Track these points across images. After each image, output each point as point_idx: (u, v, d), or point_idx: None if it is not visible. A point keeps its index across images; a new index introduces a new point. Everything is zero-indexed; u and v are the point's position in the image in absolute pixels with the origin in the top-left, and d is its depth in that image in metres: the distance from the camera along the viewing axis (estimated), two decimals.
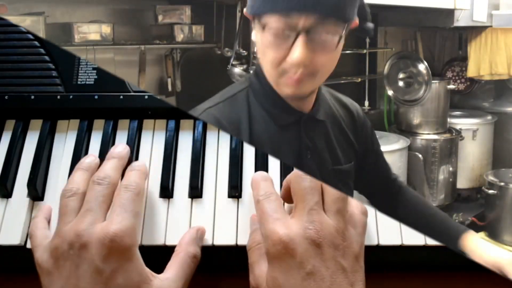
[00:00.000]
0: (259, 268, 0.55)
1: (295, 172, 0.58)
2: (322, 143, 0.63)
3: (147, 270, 0.55)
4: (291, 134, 0.61)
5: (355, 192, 0.68)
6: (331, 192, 0.56)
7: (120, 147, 0.64)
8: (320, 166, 0.63)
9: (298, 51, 0.55)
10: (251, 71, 0.77)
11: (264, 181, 0.61)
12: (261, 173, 0.64)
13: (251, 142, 0.62)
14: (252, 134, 0.60)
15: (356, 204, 0.59)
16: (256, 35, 0.58)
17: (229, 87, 0.63)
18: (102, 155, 0.67)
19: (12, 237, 0.63)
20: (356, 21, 0.58)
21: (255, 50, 0.78)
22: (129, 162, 0.63)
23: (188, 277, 0.58)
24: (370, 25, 0.61)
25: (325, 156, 0.64)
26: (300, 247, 0.52)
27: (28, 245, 0.62)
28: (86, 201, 0.56)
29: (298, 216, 0.54)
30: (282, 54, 0.56)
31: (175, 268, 0.57)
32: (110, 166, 0.60)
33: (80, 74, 0.71)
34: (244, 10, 0.59)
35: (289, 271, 0.52)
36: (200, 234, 0.62)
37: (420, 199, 0.72)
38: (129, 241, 0.53)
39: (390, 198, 0.70)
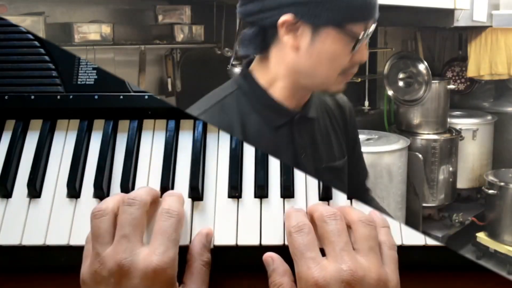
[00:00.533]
0: None
1: (319, 214, 0.57)
2: (316, 141, 0.64)
3: None
4: (284, 135, 0.61)
5: None
6: (360, 231, 0.55)
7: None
8: (315, 164, 0.63)
9: (365, 52, 0.61)
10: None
11: (296, 211, 0.60)
12: (293, 207, 0.63)
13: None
14: (246, 138, 0.60)
15: (383, 237, 0.58)
16: (317, 44, 0.58)
17: (215, 91, 0.62)
18: (102, 155, 0.67)
19: (12, 237, 0.63)
20: None
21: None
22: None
23: (207, 284, 0.59)
24: None
25: (319, 154, 0.64)
26: None
27: (27, 244, 0.62)
28: (120, 226, 0.55)
29: (331, 258, 0.54)
30: (350, 57, 0.60)
31: (194, 279, 0.58)
32: (143, 190, 0.59)
33: (80, 74, 0.71)
34: (287, 17, 0.57)
35: None
36: (209, 239, 0.62)
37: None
38: (171, 272, 0.53)
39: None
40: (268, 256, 0.60)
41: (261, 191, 0.65)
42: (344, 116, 0.68)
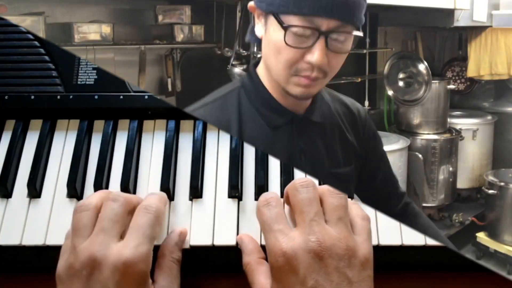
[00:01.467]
0: (256, 286, 0.56)
1: (291, 183, 0.57)
2: (318, 145, 0.63)
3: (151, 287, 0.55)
4: (283, 136, 0.61)
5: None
6: (329, 201, 0.55)
7: None
8: (315, 169, 0.63)
9: (318, 53, 0.57)
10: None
11: (268, 192, 0.60)
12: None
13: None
14: (244, 135, 0.60)
15: (355, 210, 0.58)
16: (267, 32, 0.58)
17: (221, 88, 0.63)
18: (102, 155, 0.67)
19: (12, 237, 0.63)
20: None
21: (255, 50, 0.79)
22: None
23: (178, 280, 0.58)
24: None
25: (321, 159, 0.63)
26: (303, 262, 0.51)
27: (27, 244, 0.62)
28: (100, 219, 0.55)
29: (300, 228, 0.53)
30: (299, 54, 0.57)
31: (165, 276, 0.57)
32: (131, 195, 0.59)
33: (80, 74, 0.71)
34: (251, 3, 0.59)
35: (292, 287, 0.51)
36: (182, 237, 0.61)
37: (429, 226, 0.71)
38: (143, 267, 0.53)
39: (394, 214, 0.69)
40: (239, 237, 0.60)
41: (261, 191, 0.65)
42: (355, 122, 0.67)
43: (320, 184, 0.63)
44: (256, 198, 0.65)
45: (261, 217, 0.56)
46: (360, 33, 0.58)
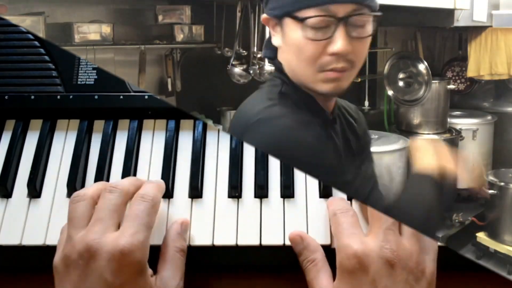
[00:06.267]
0: (319, 284, 0.56)
1: None
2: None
3: (151, 278, 0.54)
4: (327, 136, 0.59)
5: None
6: None
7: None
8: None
9: (341, 41, 0.55)
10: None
11: (341, 199, 0.61)
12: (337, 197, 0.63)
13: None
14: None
15: None
16: (286, 37, 0.57)
17: (263, 91, 0.60)
18: (102, 155, 0.67)
19: (12, 237, 0.63)
20: None
21: (255, 50, 0.78)
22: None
23: (182, 271, 0.58)
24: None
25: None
26: (374, 264, 0.52)
27: (27, 244, 0.62)
28: (97, 209, 0.55)
29: (374, 234, 0.54)
30: (321, 48, 0.55)
31: (167, 266, 0.57)
32: (127, 180, 0.59)
33: (80, 74, 0.71)
34: (263, 16, 0.58)
35: (359, 287, 0.52)
36: (184, 227, 0.61)
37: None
38: (139, 255, 0.52)
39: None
40: (296, 235, 0.60)
41: (261, 191, 0.65)
42: (356, 131, 0.66)
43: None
44: (256, 197, 0.65)
45: (337, 221, 0.57)
46: (379, 13, 0.57)
